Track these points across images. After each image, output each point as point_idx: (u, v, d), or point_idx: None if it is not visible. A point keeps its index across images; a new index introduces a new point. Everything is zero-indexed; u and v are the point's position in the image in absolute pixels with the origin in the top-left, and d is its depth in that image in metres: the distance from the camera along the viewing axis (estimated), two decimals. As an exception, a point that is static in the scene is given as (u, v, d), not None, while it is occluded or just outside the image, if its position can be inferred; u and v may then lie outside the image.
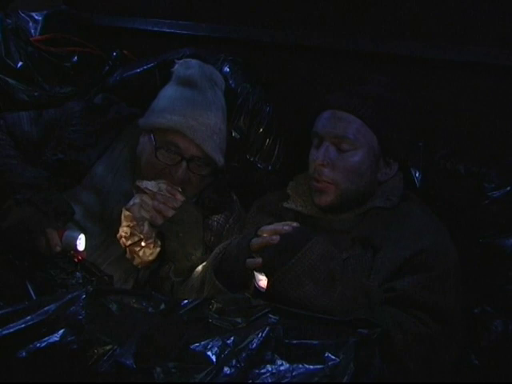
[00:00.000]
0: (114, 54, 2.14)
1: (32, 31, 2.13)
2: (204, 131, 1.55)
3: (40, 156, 1.64)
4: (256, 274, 1.26)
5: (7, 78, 1.97)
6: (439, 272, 1.32)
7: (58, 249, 1.42)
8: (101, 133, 1.67)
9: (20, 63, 2.00)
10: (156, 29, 2.24)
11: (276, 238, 1.23)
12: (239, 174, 1.81)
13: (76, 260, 1.43)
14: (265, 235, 1.27)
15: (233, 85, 1.85)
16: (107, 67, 2.12)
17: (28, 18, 2.16)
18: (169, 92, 1.63)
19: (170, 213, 1.45)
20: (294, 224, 1.29)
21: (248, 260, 1.27)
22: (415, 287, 1.29)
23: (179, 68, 1.65)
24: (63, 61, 2.08)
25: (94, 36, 2.22)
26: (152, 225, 1.46)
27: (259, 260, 1.24)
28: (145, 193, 1.47)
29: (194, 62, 1.67)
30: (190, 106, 1.57)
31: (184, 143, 1.54)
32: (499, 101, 1.74)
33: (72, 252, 1.44)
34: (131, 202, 1.47)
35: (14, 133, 1.68)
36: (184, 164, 1.55)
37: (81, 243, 1.45)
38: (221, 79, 1.70)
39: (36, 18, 2.17)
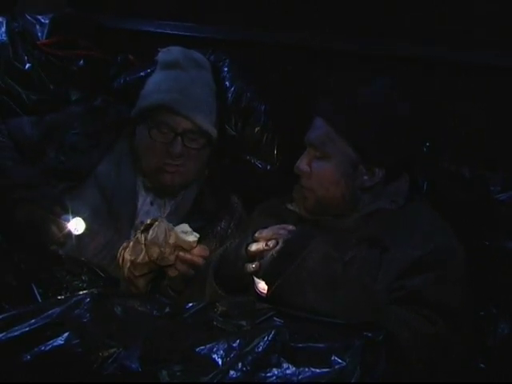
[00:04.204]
0: (119, 58, 2.15)
1: (39, 34, 2.14)
2: (190, 103, 1.59)
3: (41, 158, 1.65)
4: (255, 278, 1.24)
5: (14, 81, 1.97)
6: (449, 271, 1.32)
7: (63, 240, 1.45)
8: (102, 134, 1.69)
9: (27, 65, 2.00)
10: (159, 30, 2.25)
11: (273, 243, 1.22)
12: (238, 174, 1.80)
13: None
14: (261, 240, 1.25)
15: (227, 83, 1.86)
16: (112, 71, 2.12)
17: (35, 21, 2.16)
18: (153, 78, 1.69)
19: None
20: (291, 227, 1.27)
21: (246, 265, 1.25)
22: (426, 286, 1.28)
23: (162, 55, 1.71)
24: (69, 64, 2.08)
25: (98, 38, 2.22)
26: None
27: (257, 265, 1.22)
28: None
29: (176, 47, 1.73)
30: (174, 84, 1.62)
31: (173, 119, 1.58)
32: (504, 103, 1.74)
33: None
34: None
35: (16, 136, 1.69)
36: (179, 139, 1.58)
37: (77, 227, 1.44)
38: (205, 61, 1.74)
39: (42, 21, 2.17)
